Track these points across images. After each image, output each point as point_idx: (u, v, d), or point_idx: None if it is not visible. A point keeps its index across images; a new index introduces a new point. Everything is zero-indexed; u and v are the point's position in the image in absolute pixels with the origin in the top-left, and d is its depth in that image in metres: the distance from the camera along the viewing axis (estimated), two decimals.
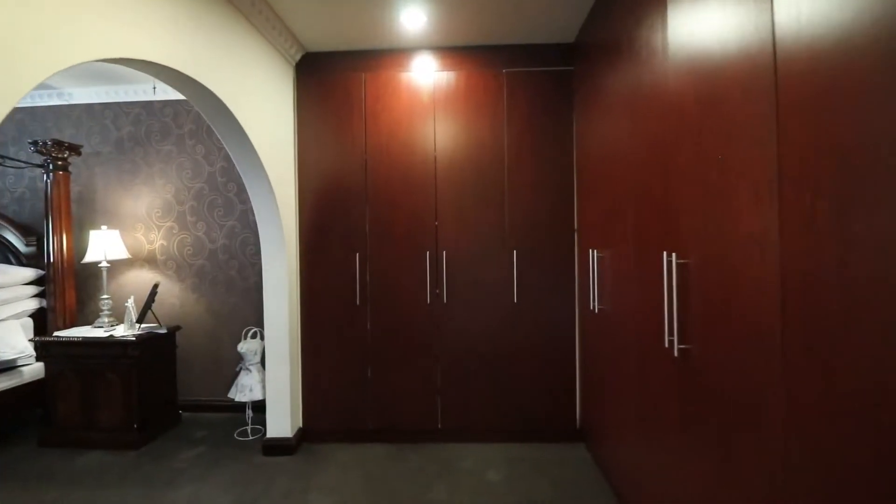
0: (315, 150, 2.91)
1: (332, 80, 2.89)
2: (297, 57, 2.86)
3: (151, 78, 3.28)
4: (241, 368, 3.04)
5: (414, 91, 2.85)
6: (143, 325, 3.11)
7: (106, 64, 3.26)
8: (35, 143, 3.09)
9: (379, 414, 2.88)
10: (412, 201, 2.85)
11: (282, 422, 2.77)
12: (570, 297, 2.82)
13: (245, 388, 2.96)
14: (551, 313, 2.82)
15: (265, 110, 2.56)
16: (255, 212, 2.69)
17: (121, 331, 3.04)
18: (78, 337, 2.90)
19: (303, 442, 2.89)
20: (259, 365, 3.04)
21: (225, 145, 2.44)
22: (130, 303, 3.09)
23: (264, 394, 2.92)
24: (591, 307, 2.42)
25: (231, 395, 3.00)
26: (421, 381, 2.86)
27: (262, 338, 3.04)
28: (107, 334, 2.94)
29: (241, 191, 3.43)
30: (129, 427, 2.90)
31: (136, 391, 2.90)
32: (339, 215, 2.89)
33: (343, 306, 2.89)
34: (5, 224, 3.37)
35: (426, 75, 2.85)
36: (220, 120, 2.28)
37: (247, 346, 3.01)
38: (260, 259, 3.40)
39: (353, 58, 2.88)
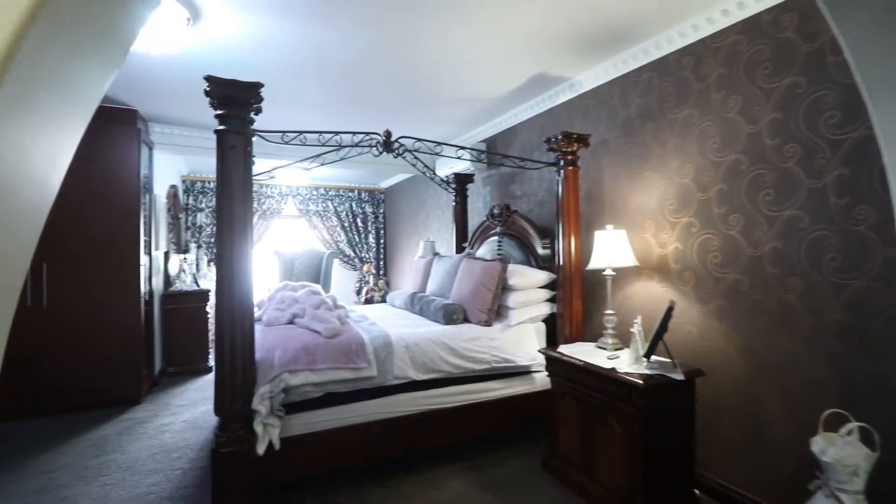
0: None
1: None
2: None
3: (665, 24, 2.34)
4: (818, 487, 1.60)
5: None
6: (652, 358, 2.28)
7: (609, 27, 2.54)
8: (547, 140, 2.90)
9: None
10: None
11: None
12: None
13: None
14: None
15: None
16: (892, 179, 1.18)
17: (624, 361, 2.32)
18: (579, 361, 2.40)
19: None
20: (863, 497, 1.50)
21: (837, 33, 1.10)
22: (637, 328, 2.30)
23: None
24: None
25: None
26: None
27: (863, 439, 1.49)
28: (609, 365, 2.29)
29: (813, 154, 1.94)
30: (630, 499, 2.12)
31: (640, 452, 2.08)
32: None
33: None
34: (528, 227, 3.46)
35: None
36: None
37: (835, 452, 1.54)
38: (849, 278, 1.80)
39: None
